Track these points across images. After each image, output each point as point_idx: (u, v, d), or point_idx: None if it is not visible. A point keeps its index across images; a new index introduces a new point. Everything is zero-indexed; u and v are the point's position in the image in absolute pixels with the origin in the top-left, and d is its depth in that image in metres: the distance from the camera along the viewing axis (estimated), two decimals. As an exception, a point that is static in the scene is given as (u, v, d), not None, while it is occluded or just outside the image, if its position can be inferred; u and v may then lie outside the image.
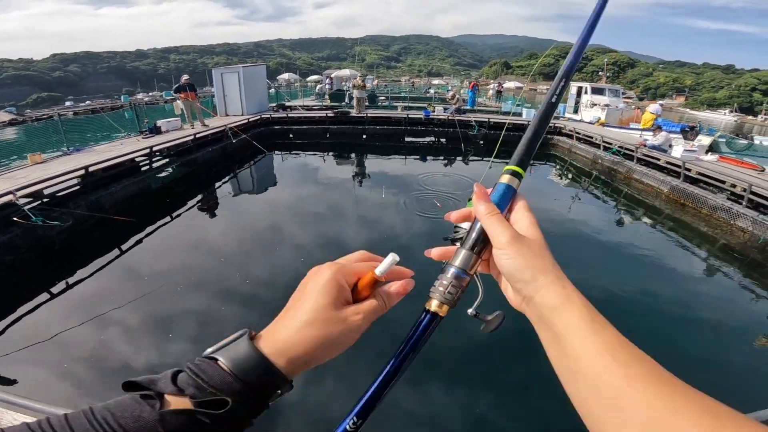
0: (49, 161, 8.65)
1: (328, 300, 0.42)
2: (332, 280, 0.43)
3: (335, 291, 0.43)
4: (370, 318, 0.44)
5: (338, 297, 0.43)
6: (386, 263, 0.44)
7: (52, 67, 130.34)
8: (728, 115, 53.44)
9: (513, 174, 0.50)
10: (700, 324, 4.94)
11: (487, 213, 0.46)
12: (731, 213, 7.93)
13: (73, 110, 31.45)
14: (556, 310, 0.40)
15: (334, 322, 0.41)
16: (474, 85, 21.44)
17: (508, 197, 0.49)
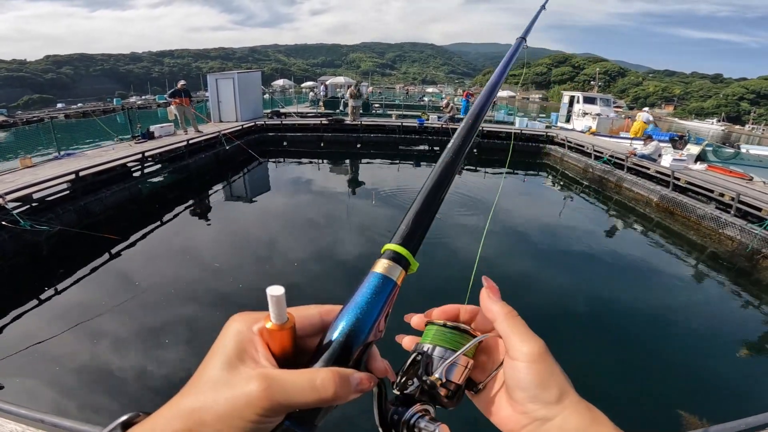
0: (39, 165, 8.55)
1: (220, 357, 0.30)
2: (233, 328, 0.32)
3: (233, 344, 0.31)
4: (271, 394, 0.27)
5: (235, 353, 0.30)
6: (272, 305, 0.31)
7: (45, 69, 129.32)
8: (716, 125, 54.48)
9: (395, 258, 0.36)
10: (689, 331, 4.99)
11: (507, 313, 0.39)
12: (719, 222, 8.05)
13: (64, 113, 31.15)
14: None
15: (217, 387, 0.28)
16: (468, 95, 21.62)
17: (383, 298, 0.34)
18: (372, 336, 0.33)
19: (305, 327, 0.34)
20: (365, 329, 0.32)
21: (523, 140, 16.26)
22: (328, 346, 0.31)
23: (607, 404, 2.06)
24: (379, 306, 0.33)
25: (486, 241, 7.54)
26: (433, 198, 0.41)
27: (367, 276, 0.35)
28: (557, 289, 5.85)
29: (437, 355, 0.38)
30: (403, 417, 0.35)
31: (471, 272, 0.51)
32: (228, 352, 0.30)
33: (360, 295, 0.34)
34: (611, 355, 4.49)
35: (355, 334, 0.32)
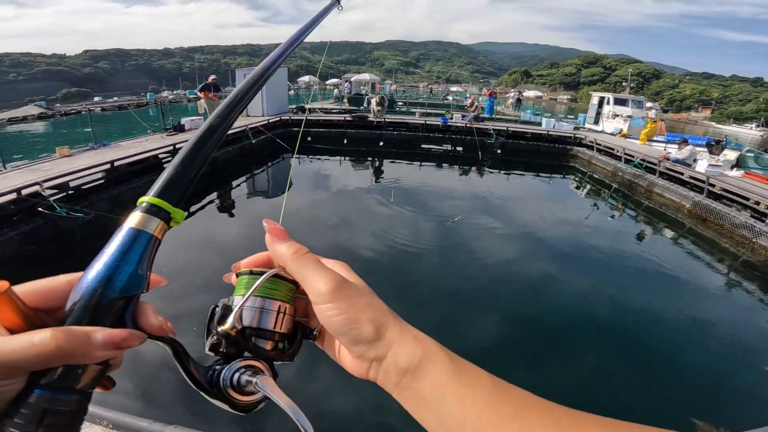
0: (76, 155, 8.93)
1: None
2: None
3: None
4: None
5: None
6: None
7: (83, 63, 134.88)
8: (755, 130, 51.73)
9: (151, 210, 0.33)
10: (717, 339, 4.85)
11: (296, 253, 0.36)
12: (754, 230, 7.68)
13: (100, 106, 32.48)
14: (418, 370, 0.32)
15: None
16: (492, 93, 21.26)
17: (136, 252, 0.32)
18: (127, 291, 0.30)
19: (50, 297, 0.31)
20: (115, 285, 0.30)
21: (549, 141, 15.91)
22: (72, 308, 0.29)
23: (629, 410, 2.02)
24: (132, 260, 0.31)
25: (508, 243, 7.44)
26: (198, 148, 0.38)
27: (116, 231, 0.32)
28: (581, 293, 5.74)
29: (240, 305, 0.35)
30: (221, 375, 0.33)
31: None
32: None
33: (107, 252, 0.31)
34: (635, 362, 4.37)
35: (102, 292, 0.29)
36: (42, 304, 0.30)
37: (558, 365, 4.27)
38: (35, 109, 28.84)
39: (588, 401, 3.79)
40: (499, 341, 4.61)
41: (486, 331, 4.75)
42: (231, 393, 0.33)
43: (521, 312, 5.27)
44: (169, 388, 3.59)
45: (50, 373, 0.27)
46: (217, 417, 3.36)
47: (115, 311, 0.30)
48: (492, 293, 5.72)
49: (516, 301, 5.53)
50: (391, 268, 6.31)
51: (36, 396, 0.26)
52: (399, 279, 5.97)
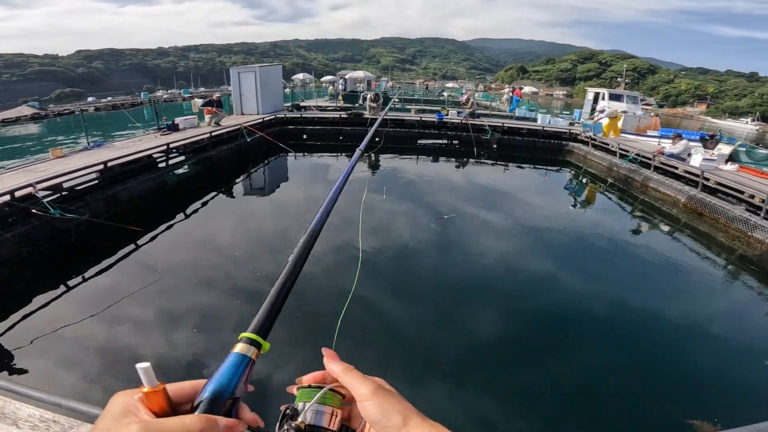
0: (70, 155, 8.88)
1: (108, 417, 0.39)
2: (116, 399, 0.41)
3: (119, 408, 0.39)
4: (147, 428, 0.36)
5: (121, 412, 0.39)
6: (142, 375, 0.40)
7: (76, 63, 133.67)
8: (750, 124, 51.93)
9: (250, 342, 0.46)
10: (714, 334, 4.86)
11: (344, 369, 0.48)
12: (749, 224, 7.73)
13: (94, 106, 32.24)
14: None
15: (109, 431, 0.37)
16: (518, 93, 20.38)
17: (240, 370, 0.44)
18: (236, 394, 0.42)
19: (180, 396, 0.43)
20: (228, 390, 0.42)
21: (545, 137, 15.94)
22: (199, 404, 0.41)
23: (625, 405, 2.03)
24: (238, 373, 0.43)
25: (504, 239, 7.45)
26: (277, 298, 0.52)
27: (228, 355, 0.45)
28: (576, 290, 5.76)
29: (303, 408, 0.47)
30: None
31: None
32: (115, 412, 0.38)
33: (222, 368, 0.43)
34: (632, 358, 4.40)
35: (219, 394, 0.42)
36: (174, 400, 0.43)
37: (555, 360, 4.28)
38: (28, 110, 28.57)
39: (585, 396, 3.81)
40: (498, 337, 4.62)
41: (484, 327, 4.77)
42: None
43: (519, 307, 5.29)
44: None
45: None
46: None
47: (227, 407, 0.42)
48: (489, 288, 5.75)
49: (513, 297, 5.55)
50: (390, 263, 6.32)
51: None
52: (398, 274, 5.98)
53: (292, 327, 4.40)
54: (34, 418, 1.61)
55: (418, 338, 4.50)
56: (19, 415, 1.59)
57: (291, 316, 4.54)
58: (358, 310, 4.73)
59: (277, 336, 4.40)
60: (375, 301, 5.16)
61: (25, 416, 1.60)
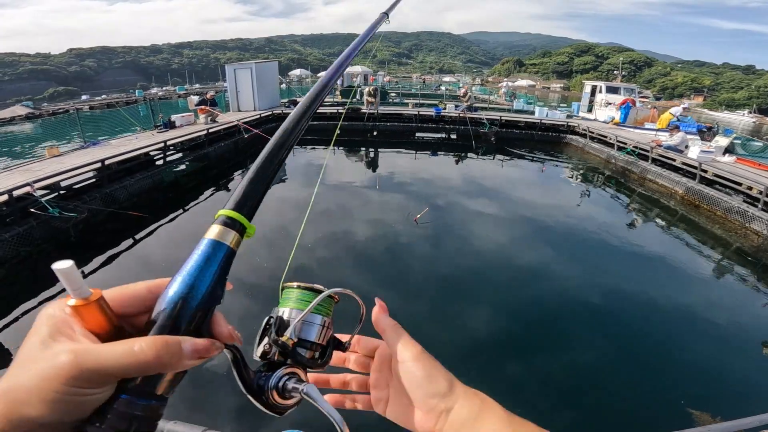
0: (66, 154, 8.83)
1: (33, 338, 0.29)
2: (45, 312, 0.31)
3: (47, 325, 0.29)
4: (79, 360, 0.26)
5: (50, 332, 0.29)
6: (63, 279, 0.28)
7: (68, 62, 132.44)
8: (747, 116, 51.98)
9: (228, 224, 0.35)
10: (711, 326, 4.88)
11: (394, 325, 0.44)
12: (746, 215, 7.77)
13: (89, 104, 31.97)
14: (478, 419, 0.38)
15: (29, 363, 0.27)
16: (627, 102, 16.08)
17: (215, 263, 0.33)
18: (208, 301, 0.32)
19: (130, 303, 0.33)
20: (197, 296, 0.31)
21: (542, 130, 15.93)
22: (158, 317, 0.31)
23: (620, 398, 2.05)
24: (212, 270, 0.32)
25: (500, 230, 7.47)
26: (267, 165, 0.41)
27: (198, 243, 0.34)
28: (573, 282, 5.77)
29: (291, 317, 0.39)
30: (269, 381, 0.36)
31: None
32: (42, 333, 0.29)
33: (190, 262, 0.33)
34: (629, 350, 4.42)
35: (186, 302, 0.31)
36: (122, 310, 0.32)
37: (550, 353, 4.29)
38: (23, 110, 28.30)
39: (582, 388, 3.83)
40: (492, 330, 4.62)
41: (479, 320, 4.77)
42: (274, 396, 0.37)
43: (514, 300, 5.29)
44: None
45: (135, 380, 0.28)
46: (214, 412, 3.37)
47: (196, 321, 0.31)
48: (483, 281, 5.75)
49: (508, 289, 5.55)
50: (384, 255, 6.33)
51: (124, 402, 0.28)
52: (391, 267, 5.99)
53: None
54: None
55: (407, 328, 4.51)
56: None
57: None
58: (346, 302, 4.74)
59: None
60: (363, 294, 5.17)
61: None
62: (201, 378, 3.66)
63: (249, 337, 0.38)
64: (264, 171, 0.40)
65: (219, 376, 3.65)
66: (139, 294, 0.33)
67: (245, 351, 0.37)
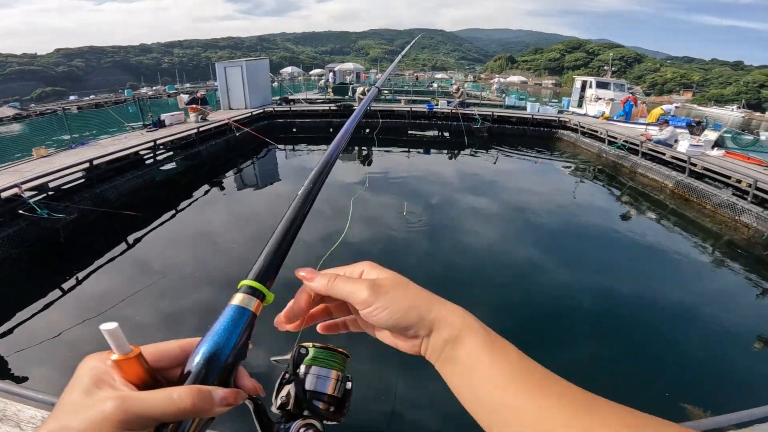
0: (54, 155, 8.71)
1: (77, 388, 0.31)
2: (86, 364, 0.33)
3: (89, 376, 0.32)
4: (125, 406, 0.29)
5: (92, 382, 0.31)
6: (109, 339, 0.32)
7: (56, 62, 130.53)
8: (735, 111, 52.64)
9: (251, 292, 0.38)
10: (702, 320, 4.91)
11: (328, 281, 0.41)
12: (736, 209, 7.86)
13: (77, 105, 31.54)
14: (457, 340, 0.37)
15: (76, 410, 0.29)
16: (628, 100, 16.24)
17: (240, 328, 0.36)
18: (234, 358, 0.35)
19: (164, 359, 0.36)
20: (225, 352, 0.35)
21: (534, 125, 16.01)
22: (190, 372, 0.34)
23: (616, 394, 2.05)
24: (237, 332, 0.36)
25: (492, 226, 7.49)
26: (284, 238, 0.44)
27: (225, 308, 0.37)
28: (565, 276, 5.80)
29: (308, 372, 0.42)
30: (288, 430, 0.39)
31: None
32: (85, 382, 0.31)
33: (218, 324, 0.36)
34: (621, 345, 4.45)
35: (215, 358, 0.34)
36: (157, 365, 0.35)
37: (545, 349, 4.30)
38: (10, 110, 27.88)
39: (577, 384, 3.85)
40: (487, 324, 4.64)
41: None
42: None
43: (505, 296, 5.30)
44: None
45: (168, 425, 0.31)
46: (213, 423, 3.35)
47: (224, 375, 0.35)
48: (475, 277, 5.75)
49: (502, 286, 5.56)
50: (378, 252, 6.33)
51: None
52: (386, 264, 5.97)
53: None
54: (37, 420, 1.58)
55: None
56: (21, 417, 1.57)
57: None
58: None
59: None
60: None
61: (27, 418, 1.57)
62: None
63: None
64: (283, 240, 0.43)
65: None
66: (173, 351, 0.37)
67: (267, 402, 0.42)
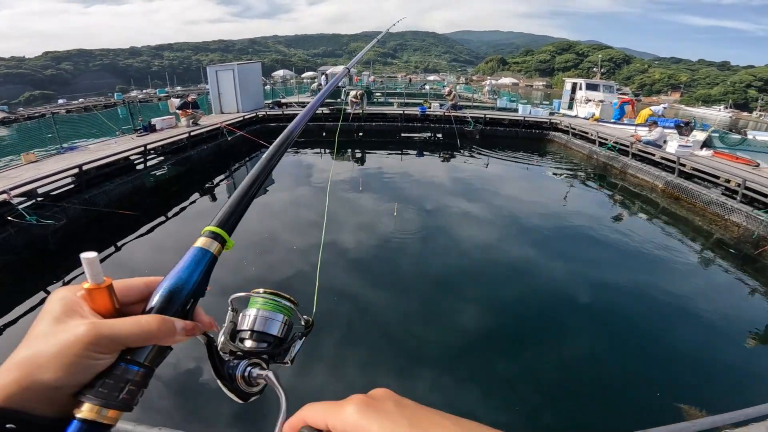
0: (43, 160, 8.59)
1: (47, 316, 0.34)
2: (56, 296, 0.36)
3: (59, 306, 0.34)
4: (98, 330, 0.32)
5: (63, 311, 0.34)
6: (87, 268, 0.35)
7: (44, 65, 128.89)
8: (723, 112, 53.53)
9: (213, 237, 0.42)
10: (694, 318, 4.97)
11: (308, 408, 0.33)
12: (725, 208, 7.98)
13: (65, 108, 31.15)
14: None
15: (47, 336, 0.32)
16: (624, 102, 16.78)
17: (201, 267, 0.40)
18: (193, 294, 0.39)
19: (130, 294, 0.39)
20: (186, 289, 0.39)
21: (526, 127, 16.13)
22: (155, 304, 0.38)
23: (607, 392, 2.06)
24: (198, 271, 0.40)
25: (485, 228, 7.52)
26: (247, 190, 0.49)
27: (188, 250, 0.41)
28: (558, 276, 5.84)
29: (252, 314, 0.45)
30: (237, 369, 0.42)
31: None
32: (56, 312, 0.34)
33: (181, 263, 0.40)
34: (612, 343, 4.48)
35: (177, 293, 0.38)
36: (123, 299, 0.38)
37: (537, 348, 4.32)
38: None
39: (570, 383, 3.84)
40: (480, 326, 4.63)
41: (467, 317, 4.77)
42: (240, 384, 0.42)
43: (499, 296, 5.32)
44: (155, 391, 3.52)
45: (130, 350, 0.34)
46: (198, 418, 3.31)
47: (184, 309, 0.39)
48: (468, 277, 5.77)
49: (495, 285, 5.58)
50: (373, 255, 6.31)
51: (121, 368, 0.33)
52: (381, 266, 5.98)
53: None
54: None
55: (399, 329, 4.49)
56: None
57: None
58: (331, 303, 4.72)
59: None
60: (354, 292, 5.15)
61: None
62: (185, 385, 3.60)
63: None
64: (245, 194, 0.48)
65: (205, 382, 3.59)
66: (138, 286, 0.40)
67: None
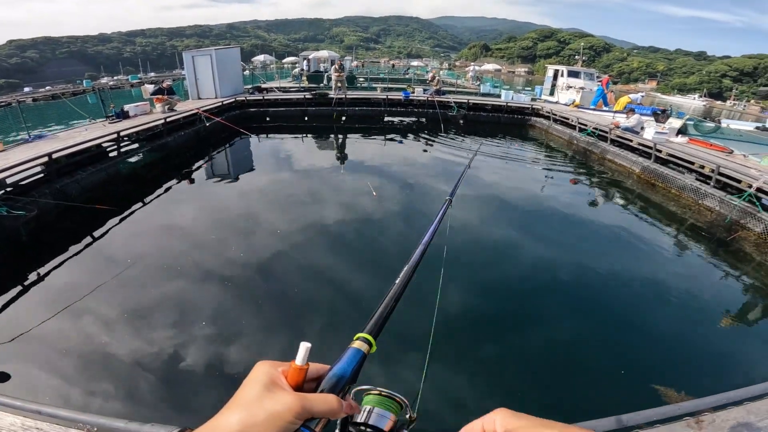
0: (10, 149, 8.17)
1: (257, 385, 0.43)
2: (261, 368, 0.45)
3: (266, 377, 0.44)
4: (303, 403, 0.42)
5: (269, 382, 0.43)
6: (301, 352, 0.46)
7: (8, 54, 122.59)
8: (698, 100, 54.89)
9: (364, 340, 0.54)
10: (667, 302, 5.09)
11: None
12: (699, 193, 8.22)
13: (32, 96, 29.69)
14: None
15: (260, 402, 0.41)
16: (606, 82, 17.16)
17: (355, 363, 0.52)
18: (350, 382, 0.50)
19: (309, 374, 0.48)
20: (345, 377, 0.49)
21: (509, 113, 16.22)
22: (326, 385, 0.48)
23: (586, 376, 2.09)
24: (353, 366, 0.51)
25: (463, 211, 7.54)
26: (392, 300, 0.62)
27: (348, 349, 0.53)
28: (536, 261, 5.92)
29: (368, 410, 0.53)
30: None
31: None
32: (263, 381, 0.43)
33: (344, 358, 0.51)
34: (590, 327, 4.56)
35: (340, 380, 0.49)
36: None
37: (519, 333, 4.38)
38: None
39: (552, 367, 3.90)
40: (465, 310, 4.67)
41: (451, 301, 4.79)
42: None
43: (479, 281, 5.35)
44: (147, 387, 3.45)
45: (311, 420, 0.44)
46: (190, 414, 3.27)
47: (343, 391, 0.49)
48: (454, 260, 5.77)
49: (473, 270, 5.59)
50: (357, 239, 6.30)
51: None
52: (365, 250, 5.97)
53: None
54: (17, 426, 1.52)
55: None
56: (1, 425, 1.51)
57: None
58: (330, 289, 4.70)
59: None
60: (339, 280, 5.14)
61: (7, 425, 1.53)
62: (176, 379, 3.54)
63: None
64: (389, 305, 0.61)
65: (195, 375, 3.54)
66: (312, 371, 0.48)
67: None
